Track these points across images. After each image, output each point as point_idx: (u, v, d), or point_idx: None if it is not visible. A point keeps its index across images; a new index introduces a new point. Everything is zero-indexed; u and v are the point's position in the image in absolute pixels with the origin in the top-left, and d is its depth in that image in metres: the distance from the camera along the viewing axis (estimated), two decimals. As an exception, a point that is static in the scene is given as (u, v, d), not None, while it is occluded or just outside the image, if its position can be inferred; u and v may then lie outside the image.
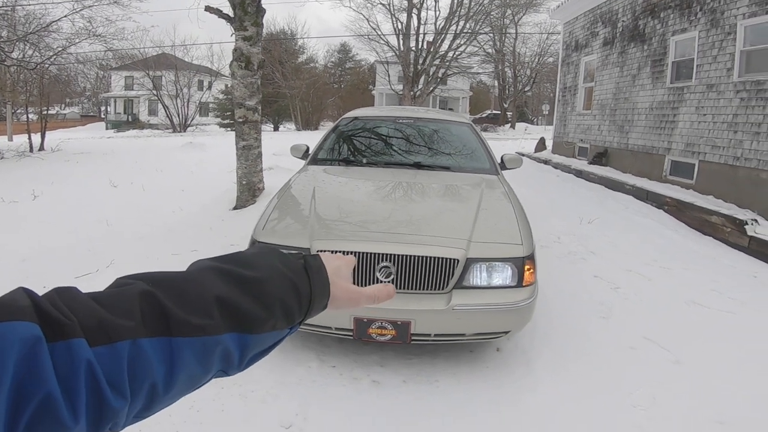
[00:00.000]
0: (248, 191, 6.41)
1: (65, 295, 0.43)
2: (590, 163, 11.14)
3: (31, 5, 14.45)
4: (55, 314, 0.40)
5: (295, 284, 0.57)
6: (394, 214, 3.10)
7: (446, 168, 4.13)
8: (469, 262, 2.69)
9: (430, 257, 2.66)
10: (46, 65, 14.81)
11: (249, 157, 6.43)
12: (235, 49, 6.42)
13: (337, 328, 2.74)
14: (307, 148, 4.70)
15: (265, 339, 0.54)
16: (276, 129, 36.34)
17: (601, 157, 10.95)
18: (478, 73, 40.19)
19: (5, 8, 14.09)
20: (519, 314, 2.74)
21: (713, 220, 6.22)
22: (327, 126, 37.70)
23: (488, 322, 2.72)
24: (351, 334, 2.72)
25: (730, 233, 5.92)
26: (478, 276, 2.70)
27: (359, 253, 2.65)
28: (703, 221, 6.39)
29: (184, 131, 32.09)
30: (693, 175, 7.92)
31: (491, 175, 4.05)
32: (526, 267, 2.75)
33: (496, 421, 2.51)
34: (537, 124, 43.70)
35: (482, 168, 4.18)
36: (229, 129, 33.36)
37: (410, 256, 2.65)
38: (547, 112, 40.36)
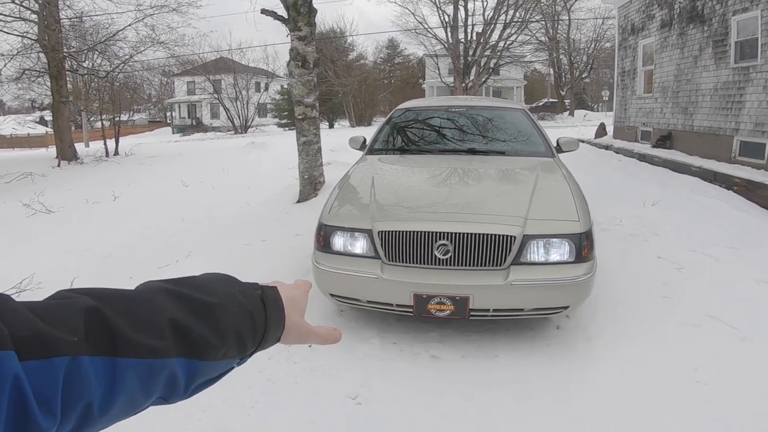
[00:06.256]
0: (310, 185, 6.67)
1: None
2: (654, 146, 10.78)
3: (98, 15, 15.42)
4: None
5: (251, 314, 0.55)
6: (451, 196, 3.22)
7: (501, 153, 4.19)
8: (526, 238, 2.77)
9: (487, 234, 2.76)
10: (116, 73, 15.76)
11: (309, 152, 6.69)
12: (291, 49, 6.68)
13: (397, 305, 2.89)
14: (365, 140, 4.89)
15: (214, 367, 0.52)
16: (331, 126, 37.05)
17: (664, 140, 10.58)
18: (532, 62, 39.35)
19: (74, 19, 15.12)
20: (577, 289, 2.80)
21: (787, 199, 5.93)
22: (380, 121, 38.11)
23: (546, 297, 2.80)
24: (411, 310, 2.86)
25: (806, 212, 5.63)
26: (536, 252, 2.78)
27: (418, 232, 2.80)
28: (777, 201, 6.11)
29: (245, 132, 33.26)
30: (764, 155, 7.55)
31: (547, 158, 4.08)
32: (584, 243, 2.81)
33: (556, 394, 2.59)
34: (597, 111, 42.29)
35: (537, 151, 4.21)
36: (287, 128, 34.31)
37: (468, 233, 2.77)
38: (607, 98, 38.90)
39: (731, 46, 8.46)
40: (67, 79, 15.00)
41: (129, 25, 15.15)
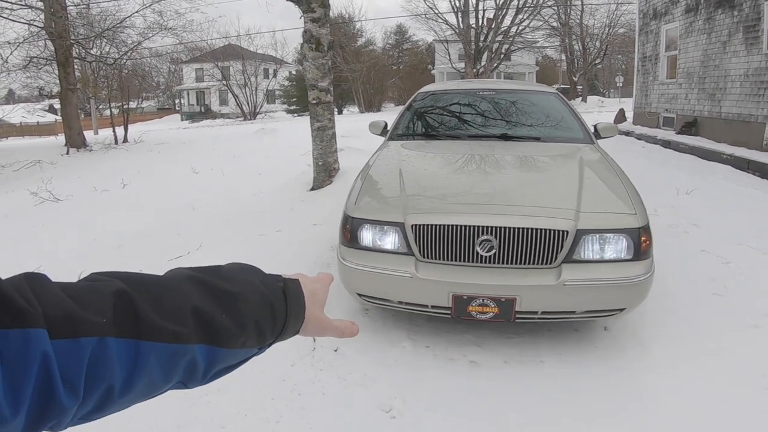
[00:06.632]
0: (324, 172, 6.40)
1: (34, 282, 0.41)
2: (678, 133, 10.40)
3: (105, 2, 15.21)
4: (18, 300, 0.38)
5: (272, 306, 0.56)
6: (489, 186, 2.93)
7: (536, 139, 3.89)
8: (580, 233, 2.48)
9: (537, 229, 2.47)
10: (124, 60, 15.54)
11: (324, 138, 6.41)
12: (305, 32, 6.38)
13: (433, 306, 2.62)
14: (386, 124, 4.60)
15: (233, 355, 0.52)
16: (340, 112, 36.76)
17: (690, 126, 10.21)
18: (544, 47, 38.65)
19: (81, 6, 14.89)
20: (636, 290, 2.51)
21: (832, 188, 5.59)
22: (389, 107, 37.91)
23: (602, 299, 2.51)
24: (448, 312, 2.59)
25: None
26: (590, 249, 2.49)
27: (458, 226, 2.52)
28: (819, 190, 5.77)
29: (254, 119, 33.06)
30: (801, 142, 7.20)
31: (587, 144, 3.77)
32: (642, 239, 2.52)
33: (612, 404, 2.32)
34: (608, 97, 41.65)
35: (575, 137, 3.90)
36: (295, 115, 34.07)
37: (514, 228, 2.47)
38: (621, 84, 38.19)
39: (764, 32, 8.12)
40: (75, 66, 14.79)
41: (136, 12, 15.01)
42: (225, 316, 0.51)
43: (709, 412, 2.28)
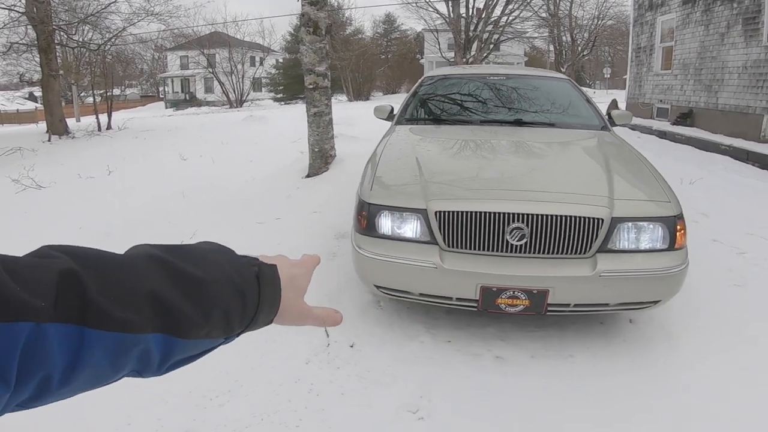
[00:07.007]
0: (321, 158, 6.21)
1: None
2: (673, 123, 10.37)
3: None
4: None
5: (243, 293, 0.49)
6: (512, 171, 2.77)
7: (551, 124, 3.74)
8: (615, 222, 2.34)
9: (571, 217, 2.32)
10: (108, 46, 15.11)
11: (320, 124, 6.21)
12: (302, 14, 6.17)
13: (458, 299, 2.46)
14: (392, 109, 4.41)
15: (194, 346, 0.47)
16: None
17: (685, 117, 10.18)
18: (534, 38, 38.62)
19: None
20: (672, 281, 2.38)
21: (837, 179, 5.55)
22: (377, 96, 37.63)
23: (638, 291, 2.38)
24: (475, 305, 2.44)
25: None
26: (626, 238, 2.35)
27: (487, 213, 2.36)
28: (823, 181, 5.72)
29: (240, 107, 32.54)
30: (800, 133, 7.18)
31: (603, 131, 3.64)
32: (678, 227, 2.39)
33: (643, 403, 2.19)
34: (595, 89, 41.83)
35: (591, 124, 3.76)
36: (282, 103, 33.61)
37: (547, 215, 2.32)
38: (608, 76, 38.28)
39: (764, 24, 8.09)
40: (57, 53, 14.32)
41: (122, -3, 14.57)
42: (187, 303, 0.45)
43: (742, 407, 2.17)
